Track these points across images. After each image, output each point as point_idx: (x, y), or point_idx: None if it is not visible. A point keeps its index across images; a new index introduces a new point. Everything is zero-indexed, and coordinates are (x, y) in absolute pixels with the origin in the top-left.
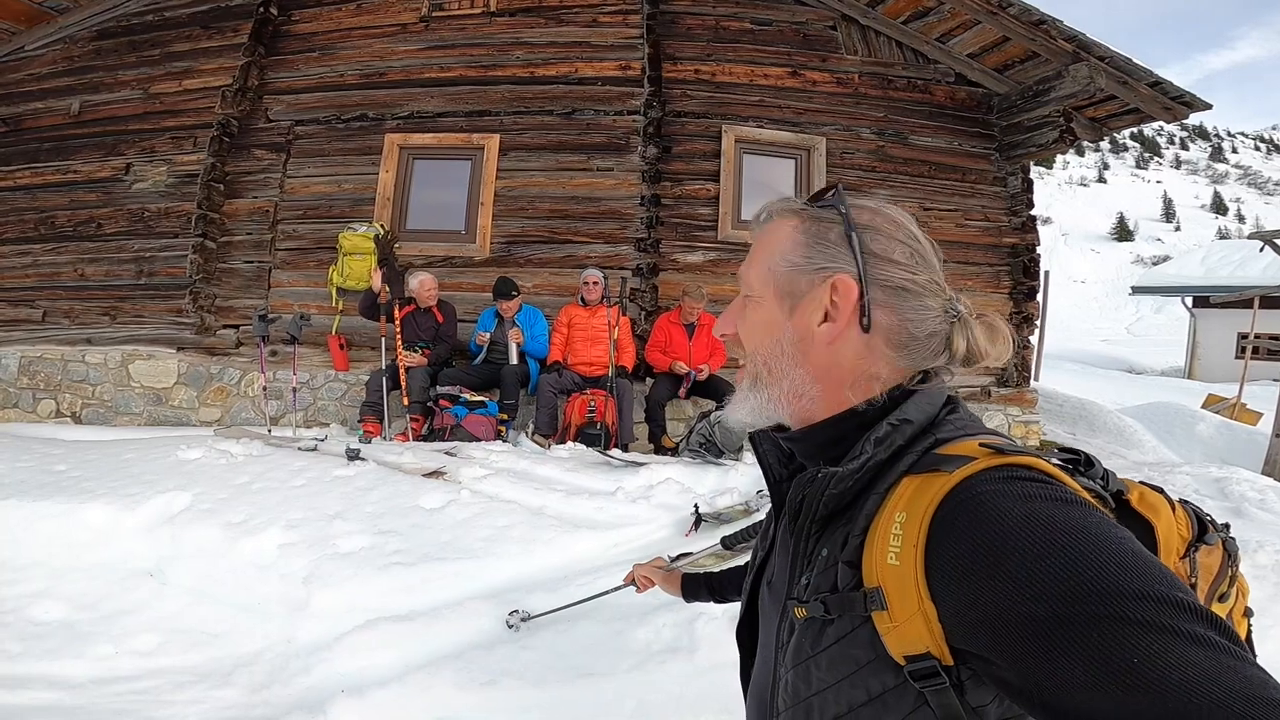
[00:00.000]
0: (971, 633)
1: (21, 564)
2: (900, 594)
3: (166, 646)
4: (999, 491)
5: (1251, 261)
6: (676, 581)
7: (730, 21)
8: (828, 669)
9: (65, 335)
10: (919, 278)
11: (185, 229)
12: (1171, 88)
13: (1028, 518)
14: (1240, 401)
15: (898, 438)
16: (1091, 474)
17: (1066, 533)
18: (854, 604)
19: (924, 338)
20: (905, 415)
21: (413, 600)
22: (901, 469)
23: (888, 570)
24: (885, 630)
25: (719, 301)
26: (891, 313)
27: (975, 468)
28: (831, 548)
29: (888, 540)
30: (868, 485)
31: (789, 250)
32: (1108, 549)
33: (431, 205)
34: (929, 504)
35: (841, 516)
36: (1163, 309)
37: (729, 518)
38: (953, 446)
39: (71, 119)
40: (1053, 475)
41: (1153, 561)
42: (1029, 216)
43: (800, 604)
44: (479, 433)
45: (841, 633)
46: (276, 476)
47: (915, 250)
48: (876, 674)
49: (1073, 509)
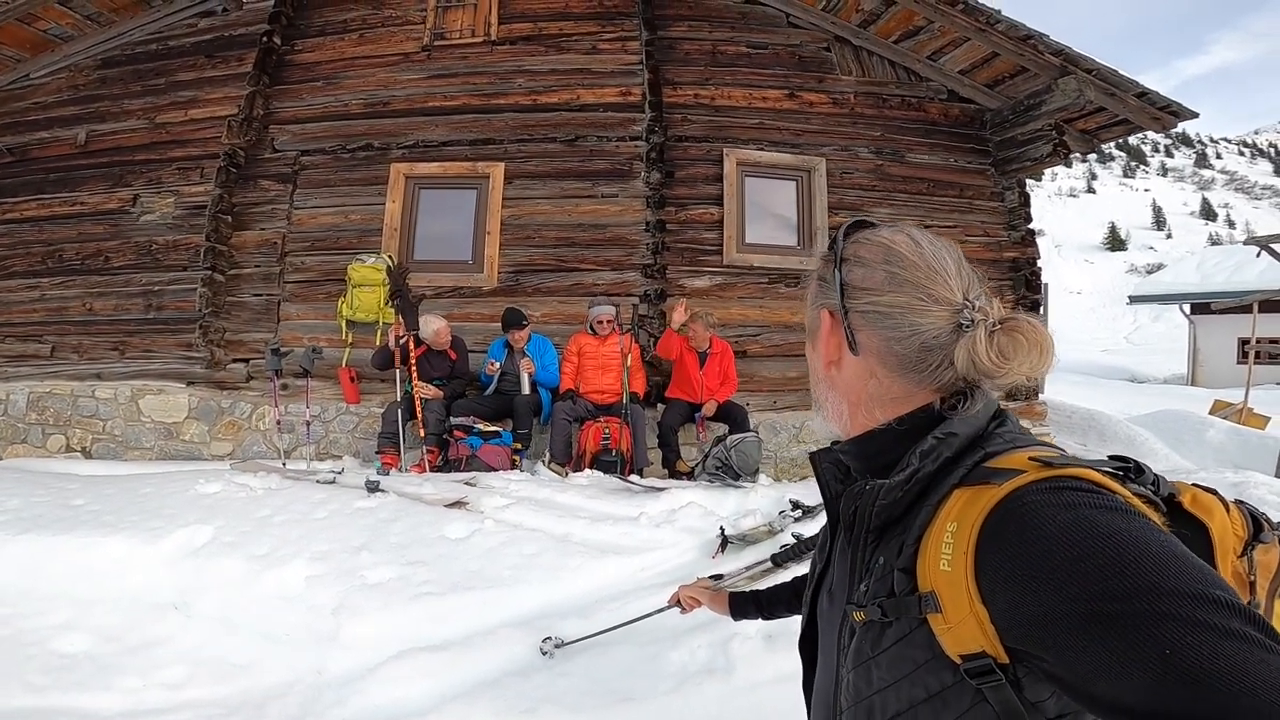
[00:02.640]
0: (1022, 632)
1: (43, 596)
2: (953, 598)
3: (195, 678)
4: (1046, 501)
5: (1247, 266)
6: (724, 601)
7: (727, 46)
8: (888, 669)
9: (74, 370)
10: (894, 299)
11: (194, 262)
12: (1159, 98)
13: (1072, 524)
14: (1247, 406)
15: (944, 450)
16: (1142, 480)
17: (1108, 536)
18: (910, 608)
19: (914, 356)
20: (950, 429)
21: (445, 630)
22: (952, 481)
23: (940, 576)
24: (941, 632)
25: (725, 325)
26: (874, 335)
27: (1024, 480)
28: (888, 556)
29: (940, 548)
30: (920, 497)
31: (809, 293)
32: (1147, 550)
33: (438, 235)
34: (979, 514)
35: (896, 526)
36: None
37: (754, 539)
38: (1002, 460)
39: (78, 149)
40: (1101, 484)
41: (1193, 561)
42: (1028, 230)
43: (859, 609)
44: (495, 463)
45: (900, 635)
46: (298, 509)
47: (894, 273)
48: (934, 672)
49: (1116, 515)
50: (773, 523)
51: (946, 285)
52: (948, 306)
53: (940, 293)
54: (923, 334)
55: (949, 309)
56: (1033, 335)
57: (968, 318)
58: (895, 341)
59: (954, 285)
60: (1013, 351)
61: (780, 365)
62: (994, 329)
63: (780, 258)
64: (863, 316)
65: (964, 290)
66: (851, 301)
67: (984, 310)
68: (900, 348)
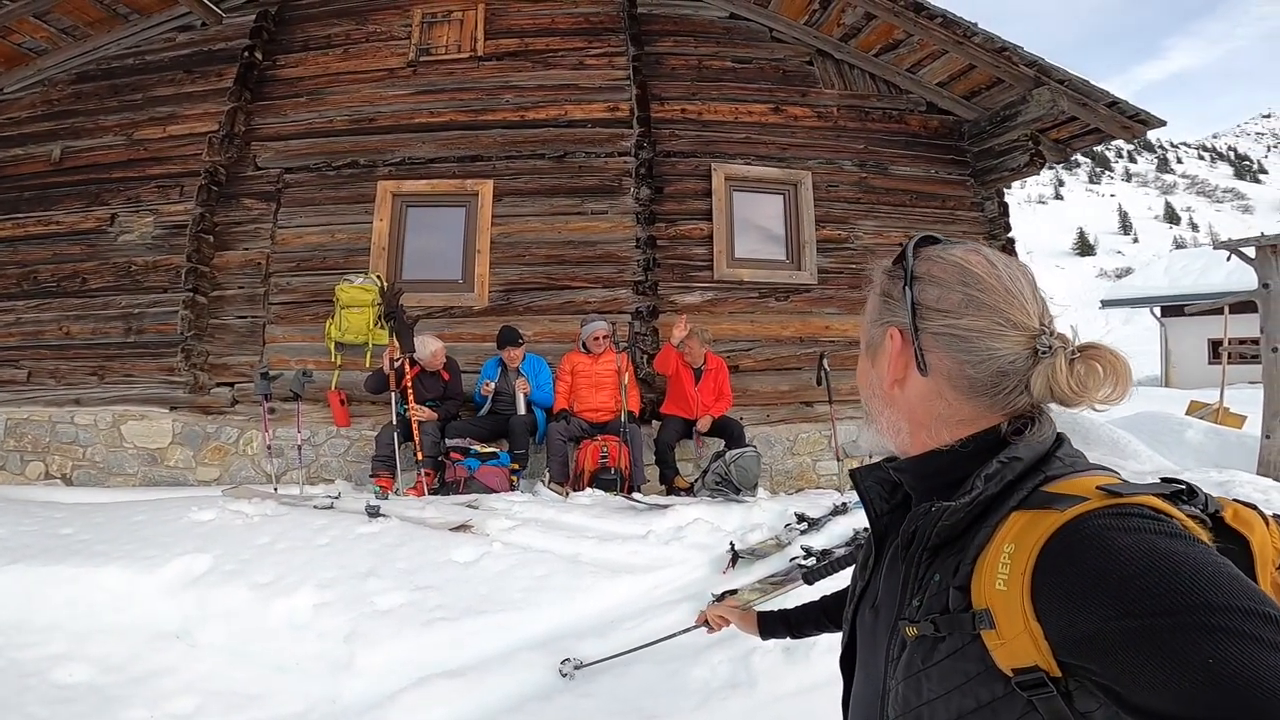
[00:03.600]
0: (1074, 648)
1: (38, 627)
2: (1008, 616)
3: (205, 708)
4: (1109, 526)
5: (1214, 269)
6: (753, 620)
7: (712, 61)
8: (938, 681)
9: (52, 396)
10: (971, 322)
11: (175, 283)
12: (1128, 107)
13: (1132, 547)
14: (1223, 406)
15: (1008, 474)
16: (1194, 502)
17: (1165, 558)
18: (964, 624)
19: (988, 380)
20: (1015, 454)
21: (461, 655)
22: (1011, 504)
23: (996, 595)
24: (994, 647)
25: (716, 341)
26: (946, 358)
27: (1088, 507)
28: (943, 574)
29: (996, 568)
30: (979, 517)
31: (870, 308)
32: (1201, 570)
33: (427, 254)
34: (1039, 538)
35: (953, 545)
36: (1131, 320)
37: (763, 553)
38: (1063, 484)
39: (53, 166)
40: (1163, 511)
41: (1242, 580)
42: (1008, 239)
43: (912, 623)
44: (493, 484)
45: (952, 649)
46: (299, 535)
47: (972, 296)
48: (986, 684)
49: (1176, 540)
50: (779, 536)
51: (1023, 309)
52: (1025, 331)
53: (1018, 317)
54: (999, 359)
55: (1026, 334)
56: (1114, 364)
57: (1045, 344)
58: (969, 365)
59: (1030, 310)
60: (1093, 381)
61: (772, 379)
62: (1074, 356)
63: (769, 272)
64: (935, 338)
65: (1039, 315)
66: (924, 322)
67: (1062, 337)
68: (974, 371)
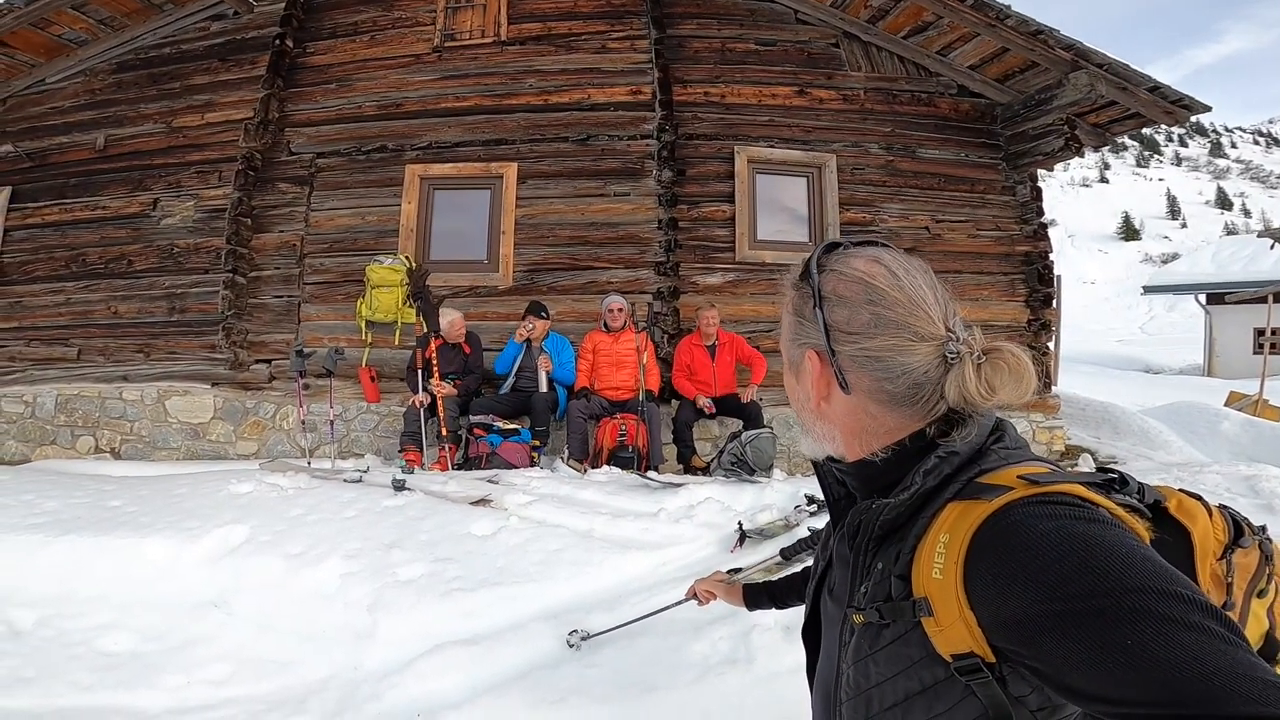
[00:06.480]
0: (1004, 632)
1: (86, 597)
2: (944, 603)
3: (238, 676)
4: (1031, 513)
5: (1263, 256)
6: (738, 593)
7: (735, 43)
8: (885, 665)
9: (101, 372)
10: (883, 342)
11: (215, 264)
12: (1171, 92)
13: (1051, 533)
14: (1263, 398)
15: (945, 468)
16: (1126, 491)
17: (1083, 542)
18: (905, 611)
19: (905, 393)
20: (953, 448)
21: (475, 625)
22: (947, 496)
23: (933, 583)
24: (933, 633)
25: (738, 321)
26: (865, 376)
27: (1012, 496)
28: (886, 562)
29: (933, 557)
30: (919, 509)
31: (786, 326)
32: (1116, 553)
33: (453, 235)
34: (969, 528)
35: (895, 535)
36: (1175, 307)
37: (771, 533)
38: (994, 476)
39: (97, 153)
40: (1084, 498)
41: (1158, 563)
42: (1040, 224)
43: (859, 611)
44: (515, 460)
45: (896, 635)
46: (328, 508)
47: (879, 314)
48: (928, 668)
49: (1094, 525)
50: (789, 517)
51: (928, 318)
52: (932, 341)
53: (924, 328)
54: (912, 372)
55: (934, 343)
56: (1015, 365)
57: (953, 350)
58: (887, 381)
59: (935, 315)
60: (999, 383)
61: None
62: (979, 361)
63: (792, 254)
64: (852, 360)
65: (944, 318)
66: (839, 346)
67: (967, 341)
68: (892, 386)
